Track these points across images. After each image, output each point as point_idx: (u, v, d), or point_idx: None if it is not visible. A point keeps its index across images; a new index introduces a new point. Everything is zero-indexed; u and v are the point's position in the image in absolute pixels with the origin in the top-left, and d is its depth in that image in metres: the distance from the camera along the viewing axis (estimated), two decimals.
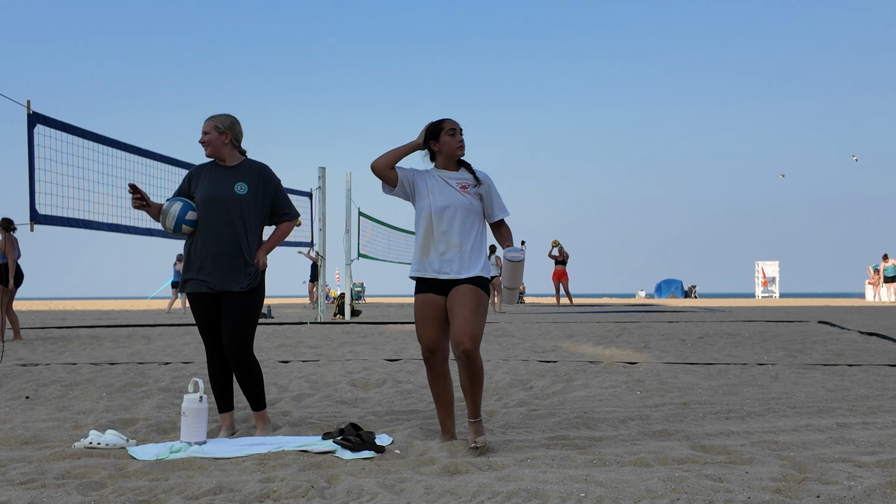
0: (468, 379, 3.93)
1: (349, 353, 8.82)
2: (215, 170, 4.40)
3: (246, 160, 4.46)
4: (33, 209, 8.22)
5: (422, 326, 4.04)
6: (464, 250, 3.98)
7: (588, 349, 9.17)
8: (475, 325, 3.86)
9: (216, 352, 4.39)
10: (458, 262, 3.98)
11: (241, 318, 4.25)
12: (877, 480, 3.18)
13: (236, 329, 4.24)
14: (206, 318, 4.35)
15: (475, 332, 3.86)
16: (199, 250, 4.30)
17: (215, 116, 4.40)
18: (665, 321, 14.90)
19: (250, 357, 4.31)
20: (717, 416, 4.82)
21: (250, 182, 4.35)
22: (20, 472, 3.39)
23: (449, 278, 3.99)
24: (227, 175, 4.36)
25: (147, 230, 10.28)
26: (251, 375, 4.32)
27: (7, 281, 11.09)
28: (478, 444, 3.80)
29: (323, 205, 16.27)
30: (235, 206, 4.28)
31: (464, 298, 3.91)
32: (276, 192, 4.44)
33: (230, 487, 3.18)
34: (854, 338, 10.43)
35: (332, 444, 3.90)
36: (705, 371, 7.05)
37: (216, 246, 4.26)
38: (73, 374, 7.06)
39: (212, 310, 4.34)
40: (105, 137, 9.42)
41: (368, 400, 5.63)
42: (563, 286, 25.12)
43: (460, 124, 4.10)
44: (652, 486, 3.11)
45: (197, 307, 4.36)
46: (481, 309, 3.92)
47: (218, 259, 4.26)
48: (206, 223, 4.30)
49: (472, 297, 3.91)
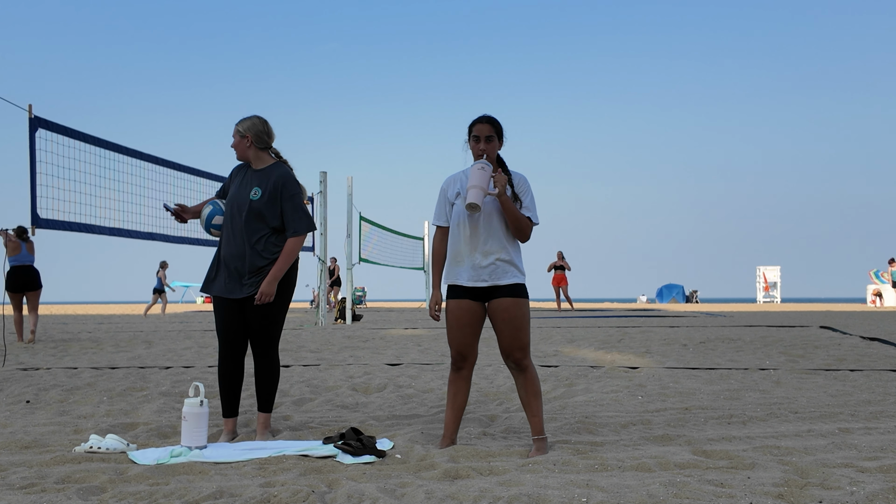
0: (523, 387, 3.95)
1: (350, 358, 8.81)
2: (246, 172, 4.44)
3: (272, 164, 4.41)
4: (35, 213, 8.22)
5: (458, 332, 4.00)
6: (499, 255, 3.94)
7: (589, 354, 9.16)
8: (520, 337, 3.91)
9: (230, 355, 4.38)
10: (492, 269, 3.92)
11: (261, 319, 4.29)
12: (879, 486, 3.17)
13: (257, 329, 4.29)
14: (225, 321, 4.35)
15: (523, 343, 3.92)
16: (220, 254, 4.36)
17: (242, 121, 4.42)
18: (666, 326, 14.88)
19: (274, 354, 4.36)
20: (718, 421, 4.81)
21: (266, 188, 4.31)
22: (20, 477, 3.38)
23: (487, 285, 3.94)
24: (251, 179, 4.38)
25: (148, 234, 10.28)
26: (270, 375, 4.36)
27: (11, 285, 11.20)
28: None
29: (324, 209, 16.28)
30: (247, 211, 4.28)
31: (507, 314, 3.90)
32: (285, 203, 4.29)
33: (231, 492, 3.18)
34: (856, 343, 10.41)
35: (333, 449, 3.89)
36: (707, 376, 7.04)
37: (228, 250, 4.29)
38: (74, 378, 7.05)
39: (232, 313, 4.33)
40: (107, 142, 9.43)
41: (369, 404, 5.63)
42: (562, 291, 25.12)
43: (500, 122, 3.99)
44: (654, 491, 3.10)
45: (218, 309, 4.38)
46: (524, 319, 3.92)
47: (229, 263, 4.29)
48: (226, 226, 4.35)
49: (512, 308, 3.90)
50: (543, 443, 3.92)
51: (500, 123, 4.00)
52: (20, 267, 11.32)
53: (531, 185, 4.04)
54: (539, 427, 3.94)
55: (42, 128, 8.35)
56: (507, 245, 3.93)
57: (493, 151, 3.97)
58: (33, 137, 8.22)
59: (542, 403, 4.03)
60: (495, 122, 3.98)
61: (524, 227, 3.91)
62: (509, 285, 3.91)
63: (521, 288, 3.94)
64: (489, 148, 3.95)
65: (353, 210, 17.64)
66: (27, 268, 11.36)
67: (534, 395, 3.96)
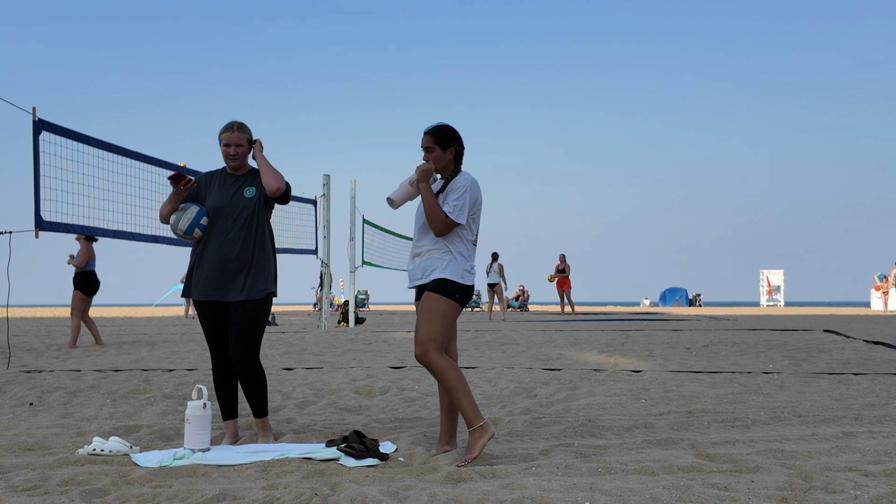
0: (439, 383, 3.91)
1: (353, 361, 8.81)
2: (225, 178, 4.40)
3: (254, 168, 4.46)
4: (38, 216, 8.23)
5: None
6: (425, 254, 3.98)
7: (592, 357, 9.15)
8: (420, 330, 3.85)
9: (222, 358, 4.39)
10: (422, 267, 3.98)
11: (248, 325, 4.25)
12: (883, 489, 3.17)
13: (243, 335, 4.24)
14: (212, 325, 4.35)
15: (422, 338, 3.84)
16: (208, 257, 4.30)
17: (242, 127, 4.37)
18: (670, 329, 14.87)
19: (256, 363, 4.30)
20: (722, 425, 4.80)
21: (257, 184, 4.37)
22: (23, 479, 3.38)
23: (419, 284, 4.01)
24: (236, 182, 4.37)
25: (152, 237, 10.29)
26: (256, 382, 4.31)
27: (86, 288, 11.21)
28: (460, 463, 3.69)
29: (327, 212, 16.28)
30: (245, 211, 4.29)
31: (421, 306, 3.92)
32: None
33: (234, 495, 3.18)
34: (860, 346, 10.40)
35: (336, 452, 3.89)
36: (710, 379, 7.03)
37: (222, 253, 4.26)
38: (77, 380, 7.06)
39: (219, 316, 4.34)
40: (110, 144, 9.44)
41: (372, 407, 5.63)
42: (566, 294, 25.12)
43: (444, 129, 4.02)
44: (657, 494, 3.09)
45: (204, 313, 4.35)
46: (432, 313, 3.85)
47: (223, 267, 4.26)
48: (214, 231, 4.30)
49: (424, 301, 3.91)
50: (476, 434, 3.74)
51: (441, 131, 4.01)
52: (93, 272, 11.39)
53: (482, 193, 4.05)
54: (469, 418, 3.77)
55: (46, 130, 8.37)
56: (441, 242, 3.93)
57: (439, 161, 4.01)
58: (37, 140, 8.24)
59: (469, 394, 3.77)
60: (434, 132, 4.02)
61: (436, 217, 3.87)
62: (433, 280, 3.91)
63: (443, 283, 3.89)
64: (431, 158, 4.01)
65: (356, 213, 17.65)
66: (95, 273, 11.47)
67: (450, 389, 3.80)
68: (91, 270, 11.35)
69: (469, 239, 3.98)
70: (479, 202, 4.00)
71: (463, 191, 3.92)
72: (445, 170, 4.02)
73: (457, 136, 4.03)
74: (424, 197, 3.92)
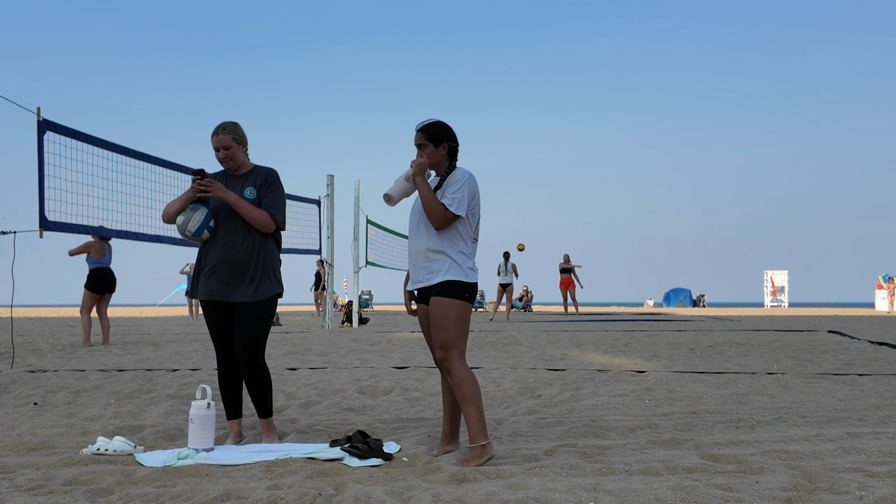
0: (453, 390, 3.87)
1: (357, 361, 8.82)
2: (227, 179, 4.40)
3: (256, 167, 4.46)
4: (42, 216, 8.24)
5: (426, 335, 4.04)
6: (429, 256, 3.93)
7: (596, 358, 9.14)
8: (439, 337, 3.82)
9: (227, 358, 4.39)
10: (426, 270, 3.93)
11: (253, 325, 4.26)
12: (888, 490, 3.16)
13: (248, 335, 4.25)
14: (218, 325, 4.35)
15: (442, 342, 3.81)
16: (213, 258, 4.31)
17: (227, 127, 4.33)
18: (674, 330, 14.85)
19: (261, 363, 4.31)
20: (726, 425, 4.79)
21: (257, 184, 4.36)
22: (28, 479, 3.39)
23: (423, 286, 3.96)
24: (237, 183, 4.36)
25: (156, 237, 10.30)
26: (261, 382, 4.32)
27: (91, 285, 11.24)
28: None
29: (331, 213, 16.29)
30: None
31: (432, 312, 3.87)
32: (269, 191, 4.33)
33: (238, 494, 3.18)
34: (864, 347, 10.37)
35: (340, 452, 3.89)
36: (714, 380, 7.02)
37: (227, 254, 4.27)
38: (82, 380, 7.07)
39: (224, 316, 4.34)
40: (115, 144, 9.46)
41: (376, 407, 5.63)
42: (570, 294, 25.09)
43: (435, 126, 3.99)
44: (661, 495, 3.09)
45: (209, 313, 4.36)
46: (446, 319, 3.82)
47: (228, 268, 4.26)
48: (218, 232, 4.30)
49: (435, 307, 3.86)
50: (476, 451, 3.72)
51: (433, 128, 3.98)
52: (104, 269, 11.41)
53: (478, 186, 4.02)
54: (473, 434, 3.74)
55: (50, 130, 8.38)
56: (441, 241, 3.89)
57: (432, 157, 3.98)
58: (41, 140, 8.25)
59: (480, 410, 3.75)
60: (426, 129, 4.00)
61: (435, 209, 3.84)
62: (438, 283, 3.88)
63: (449, 285, 3.85)
64: (424, 154, 3.99)
65: (359, 213, 17.66)
66: (108, 269, 11.49)
67: (462, 399, 3.78)
68: (98, 268, 11.37)
69: (469, 235, 3.96)
70: (477, 197, 3.97)
71: (461, 184, 3.89)
72: (440, 166, 3.99)
73: (449, 131, 4.00)
74: (421, 190, 3.87)
